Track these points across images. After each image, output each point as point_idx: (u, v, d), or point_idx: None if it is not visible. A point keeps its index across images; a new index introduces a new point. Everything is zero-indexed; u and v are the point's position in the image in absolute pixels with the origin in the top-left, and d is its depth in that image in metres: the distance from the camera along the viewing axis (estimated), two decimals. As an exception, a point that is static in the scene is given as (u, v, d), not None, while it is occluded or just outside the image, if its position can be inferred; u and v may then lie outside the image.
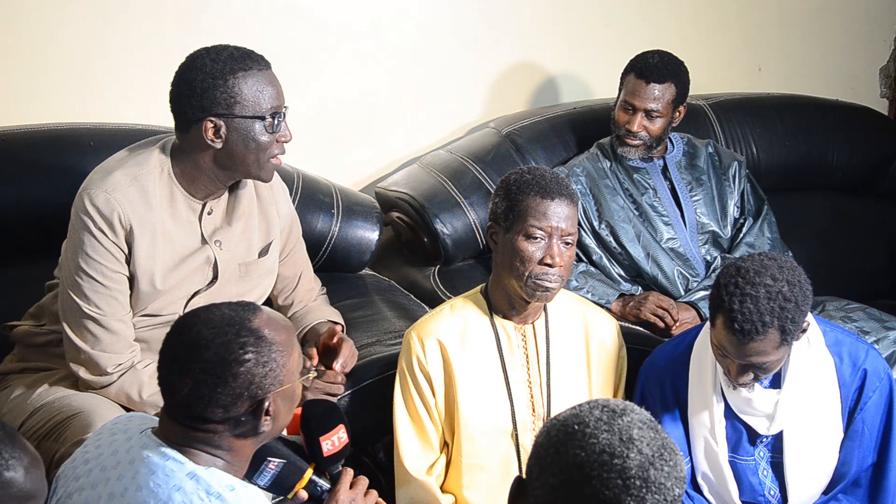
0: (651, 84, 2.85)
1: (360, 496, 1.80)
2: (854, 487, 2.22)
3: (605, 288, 2.84)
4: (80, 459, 1.66)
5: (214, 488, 1.53)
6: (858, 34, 4.00)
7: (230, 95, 2.03)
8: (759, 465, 2.22)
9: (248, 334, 1.57)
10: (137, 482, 1.54)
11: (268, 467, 1.71)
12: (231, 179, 2.17)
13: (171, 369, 1.58)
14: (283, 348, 1.60)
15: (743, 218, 3.00)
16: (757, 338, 1.98)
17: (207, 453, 1.58)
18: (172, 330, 1.62)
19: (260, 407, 1.58)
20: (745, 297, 1.97)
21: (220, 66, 2.03)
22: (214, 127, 2.05)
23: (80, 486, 1.61)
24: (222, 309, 1.61)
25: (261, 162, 2.10)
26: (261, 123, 2.06)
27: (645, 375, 2.30)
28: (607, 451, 1.27)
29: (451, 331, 2.21)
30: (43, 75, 2.81)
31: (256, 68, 2.06)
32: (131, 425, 1.67)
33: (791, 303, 1.98)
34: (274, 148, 2.10)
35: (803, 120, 3.47)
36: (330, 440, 1.77)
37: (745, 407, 2.17)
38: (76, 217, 2.09)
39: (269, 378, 1.58)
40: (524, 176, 2.14)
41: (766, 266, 2.01)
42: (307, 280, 2.49)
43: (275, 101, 2.07)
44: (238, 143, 2.06)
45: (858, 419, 2.19)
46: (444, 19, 3.31)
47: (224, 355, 1.55)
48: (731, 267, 2.04)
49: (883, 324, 2.80)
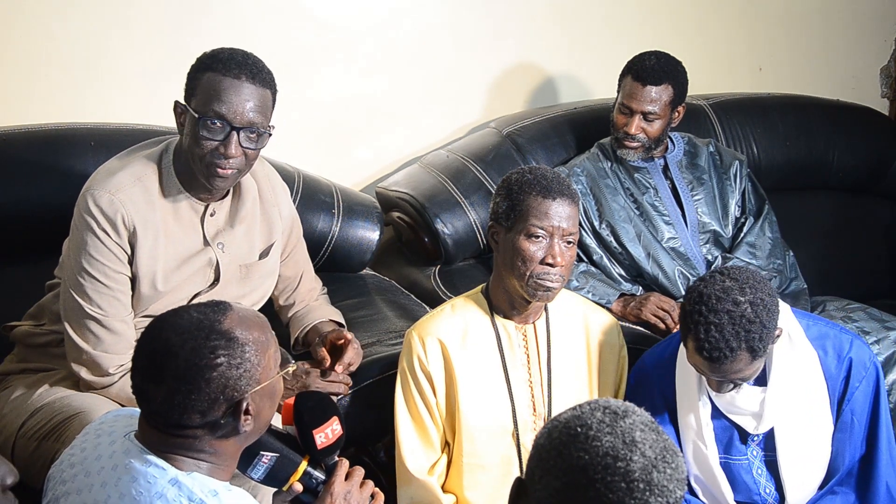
0: (648, 86, 2.84)
1: (355, 487, 1.77)
2: (848, 477, 2.22)
3: (606, 288, 2.84)
4: (66, 463, 1.64)
5: (197, 494, 1.51)
6: (859, 34, 4.00)
7: (192, 86, 2.06)
8: (753, 465, 2.22)
9: (217, 337, 1.53)
10: (120, 490, 1.53)
11: (261, 461, 1.70)
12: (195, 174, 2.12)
13: (144, 377, 1.55)
14: (256, 347, 1.57)
15: (744, 217, 3.00)
16: (727, 361, 2.00)
17: (190, 458, 1.56)
18: (142, 337, 1.58)
19: (238, 408, 1.55)
20: (709, 326, 1.99)
21: (209, 61, 2.05)
22: (178, 110, 2.08)
23: (66, 490, 1.60)
24: (191, 312, 1.57)
25: (203, 161, 2.05)
26: (201, 122, 2.02)
27: (634, 379, 2.32)
28: (611, 453, 1.27)
29: (451, 330, 2.20)
30: (43, 75, 2.81)
31: (232, 75, 2.02)
32: (116, 427, 1.65)
33: (755, 323, 1.99)
34: (213, 155, 2.04)
35: (804, 120, 3.47)
36: (323, 432, 1.76)
37: (731, 407, 2.18)
38: (79, 217, 2.09)
39: (245, 379, 1.54)
40: (525, 176, 2.14)
41: (728, 290, 2.01)
42: (308, 280, 2.49)
43: (226, 111, 2.01)
44: (187, 136, 2.07)
45: (847, 410, 2.19)
46: (444, 19, 3.31)
47: (195, 361, 1.51)
48: (694, 293, 2.05)
49: (883, 324, 2.81)
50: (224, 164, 2.04)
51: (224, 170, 2.05)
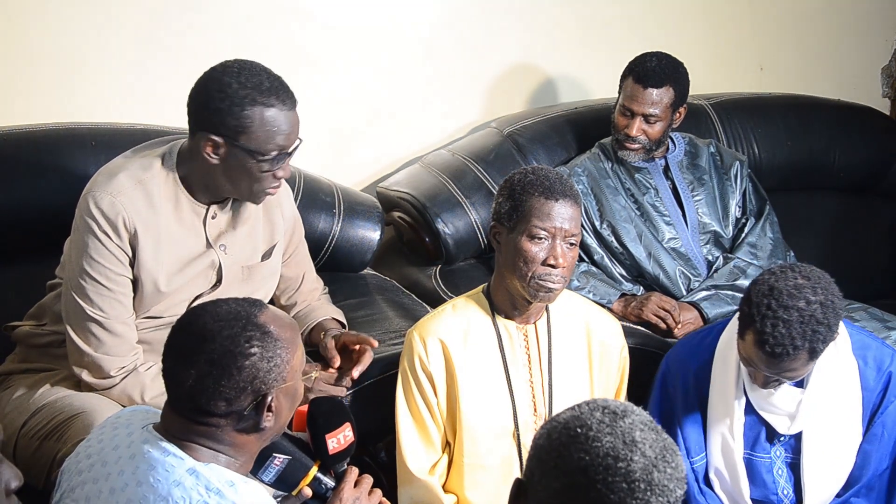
0: (649, 89, 2.84)
1: (364, 495, 1.80)
2: (867, 491, 2.21)
3: (607, 288, 2.84)
4: (83, 454, 1.66)
5: (214, 484, 1.53)
6: (860, 34, 4.00)
7: (241, 125, 1.99)
8: (775, 464, 2.22)
9: (254, 329, 1.57)
10: (137, 477, 1.55)
11: (273, 463, 1.71)
12: (226, 194, 2.14)
13: (177, 360, 1.58)
14: (287, 345, 1.60)
15: (745, 218, 3.00)
16: (786, 359, 1.99)
17: (209, 448, 1.58)
18: (179, 322, 1.62)
19: (263, 402, 1.57)
20: (777, 321, 1.96)
21: (244, 92, 1.98)
22: (213, 145, 2.02)
23: (83, 480, 1.61)
24: (229, 304, 1.62)
25: (253, 191, 2.09)
26: (261, 159, 2.02)
27: (666, 365, 2.31)
28: (611, 454, 1.27)
29: (452, 330, 2.20)
30: (43, 75, 2.80)
31: (279, 107, 2.01)
32: (134, 419, 1.67)
33: (823, 325, 1.97)
34: (268, 181, 2.07)
35: (805, 120, 3.47)
36: (335, 438, 1.77)
37: (767, 405, 2.17)
38: (80, 219, 2.08)
39: (273, 374, 1.58)
40: (528, 176, 2.13)
41: (800, 287, 1.99)
42: (310, 280, 2.49)
43: (284, 141, 2.03)
44: (234, 169, 2.04)
45: (878, 423, 2.19)
46: (445, 20, 3.31)
47: (230, 347, 1.55)
48: (764, 285, 2.01)
49: (885, 324, 2.81)
50: (277, 185, 2.10)
51: (275, 189, 2.11)
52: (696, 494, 2.25)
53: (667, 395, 2.30)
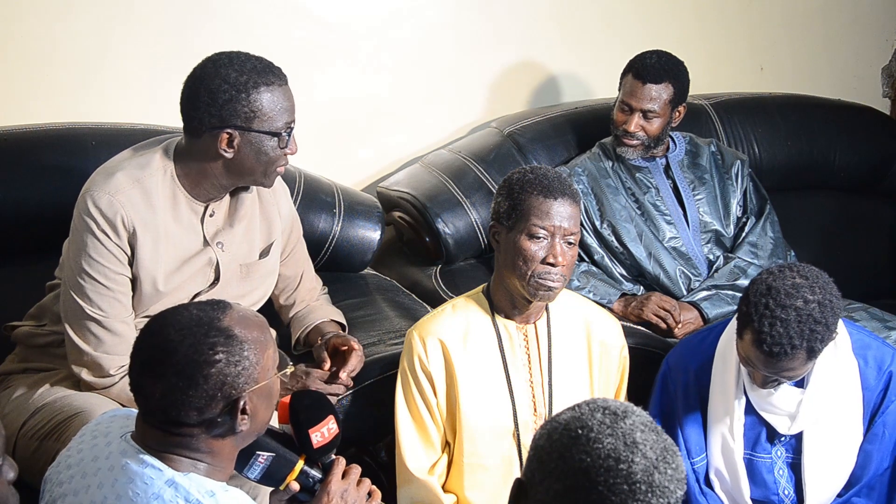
0: (648, 84, 2.85)
1: (352, 485, 1.77)
2: (868, 491, 2.21)
3: (607, 288, 2.84)
4: (63, 464, 1.64)
5: (193, 495, 1.51)
6: (861, 34, 4.00)
7: (251, 109, 2.03)
8: (776, 464, 2.22)
9: (217, 334, 1.54)
10: (116, 491, 1.52)
11: (257, 461, 1.70)
12: (235, 185, 2.18)
13: (142, 374, 1.55)
14: (255, 346, 1.57)
15: (745, 217, 3.00)
16: (784, 358, 1.99)
17: (187, 458, 1.56)
18: (141, 333, 1.59)
19: (235, 406, 1.54)
20: (774, 320, 1.96)
21: (245, 78, 2.03)
22: (228, 138, 2.05)
23: (63, 492, 1.59)
24: (191, 309, 1.58)
25: (268, 172, 2.13)
26: (275, 139, 2.07)
27: (667, 365, 2.31)
28: (612, 455, 1.27)
29: (452, 330, 2.20)
30: (43, 75, 2.80)
31: (277, 83, 2.07)
32: (112, 428, 1.64)
33: (821, 324, 1.97)
34: (281, 160, 2.12)
35: (805, 120, 3.47)
36: (319, 432, 1.75)
37: (767, 405, 2.17)
38: (79, 218, 2.08)
39: (243, 377, 1.54)
40: (527, 175, 2.13)
41: (798, 287, 1.99)
42: (308, 280, 2.49)
43: (289, 116, 2.09)
44: (250, 156, 2.08)
45: (879, 422, 2.19)
46: (445, 19, 3.30)
47: (193, 357, 1.51)
48: (762, 285, 2.02)
49: (885, 324, 2.81)
50: (286, 162, 2.14)
51: (283, 167, 2.15)
52: (696, 495, 2.25)
53: (667, 396, 2.30)
